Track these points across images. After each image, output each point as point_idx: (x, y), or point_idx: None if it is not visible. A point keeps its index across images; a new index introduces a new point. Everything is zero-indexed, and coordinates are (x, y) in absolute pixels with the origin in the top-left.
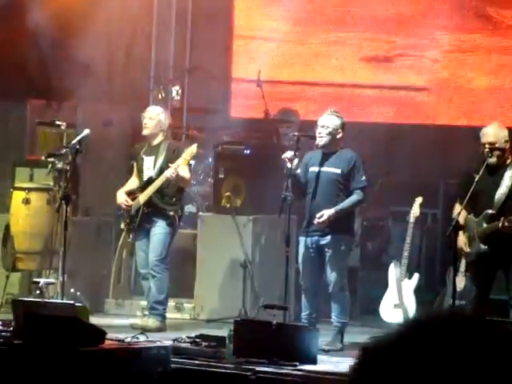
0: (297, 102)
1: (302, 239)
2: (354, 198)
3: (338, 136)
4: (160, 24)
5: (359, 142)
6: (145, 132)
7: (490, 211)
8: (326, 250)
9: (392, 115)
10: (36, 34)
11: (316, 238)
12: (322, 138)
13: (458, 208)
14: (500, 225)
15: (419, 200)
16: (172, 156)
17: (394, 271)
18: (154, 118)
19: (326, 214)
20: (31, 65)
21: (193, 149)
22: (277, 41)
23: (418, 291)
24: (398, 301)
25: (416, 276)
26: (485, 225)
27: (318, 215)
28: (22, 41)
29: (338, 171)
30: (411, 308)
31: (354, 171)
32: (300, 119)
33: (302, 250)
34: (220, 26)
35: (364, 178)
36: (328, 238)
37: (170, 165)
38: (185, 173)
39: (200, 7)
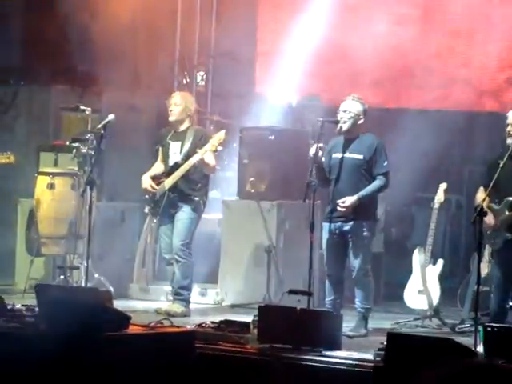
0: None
1: (325, 225)
2: (376, 183)
3: (360, 122)
4: (185, 9)
5: (385, 127)
6: (171, 118)
7: (510, 199)
8: (350, 235)
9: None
10: (63, 19)
11: (339, 223)
12: (344, 123)
13: (481, 194)
14: None
15: (444, 186)
16: (199, 142)
17: (418, 257)
18: (180, 103)
19: (349, 200)
20: (56, 50)
21: (221, 135)
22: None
23: (442, 277)
24: (422, 287)
25: (440, 262)
26: (507, 212)
27: (340, 202)
28: (48, 26)
29: (361, 157)
30: (435, 294)
31: (376, 156)
32: (323, 104)
33: (325, 235)
34: (245, 10)
35: (386, 163)
36: (351, 223)
37: (197, 150)
38: (210, 160)
39: None
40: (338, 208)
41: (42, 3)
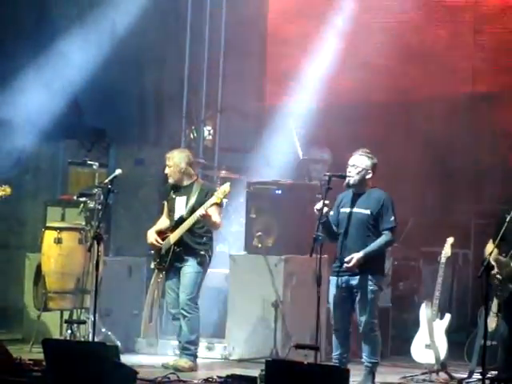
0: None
1: (332, 279)
2: (382, 239)
3: (368, 176)
4: (192, 64)
5: (389, 181)
6: (170, 181)
7: None
8: (357, 289)
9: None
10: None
11: (346, 277)
12: (350, 178)
13: (490, 248)
14: None
15: (450, 240)
16: (205, 197)
17: (425, 311)
18: (171, 165)
19: (355, 258)
20: (64, 105)
21: (226, 187)
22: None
23: (449, 331)
24: (430, 341)
25: (447, 316)
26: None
27: (347, 259)
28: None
29: (368, 212)
30: (442, 348)
31: (382, 211)
32: (331, 158)
33: (332, 289)
34: (253, 66)
35: (393, 218)
36: (358, 277)
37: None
38: (215, 216)
39: (233, 47)
40: (344, 266)
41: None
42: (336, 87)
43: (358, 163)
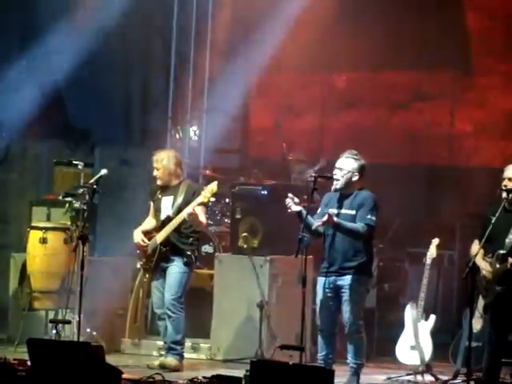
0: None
1: (320, 279)
2: (358, 225)
3: (355, 178)
4: (178, 64)
5: (374, 183)
6: (159, 183)
7: (501, 252)
8: (343, 290)
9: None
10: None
11: (333, 277)
12: (337, 181)
13: (475, 249)
14: (509, 265)
15: (436, 241)
16: (192, 196)
17: (410, 312)
18: (159, 167)
19: (332, 217)
20: (49, 104)
21: (213, 186)
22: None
23: (434, 333)
24: (415, 342)
25: (432, 317)
26: (498, 266)
27: (324, 218)
28: (40, 80)
29: (353, 212)
30: (427, 349)
31: (361, 208)
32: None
33: (320, 290)
34: (238, 66)
35: (371, 217)
36: (345, 278)
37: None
38: (201, 216)
39: (219, 47)
40: (323, 219)
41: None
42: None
43: (344, 166)
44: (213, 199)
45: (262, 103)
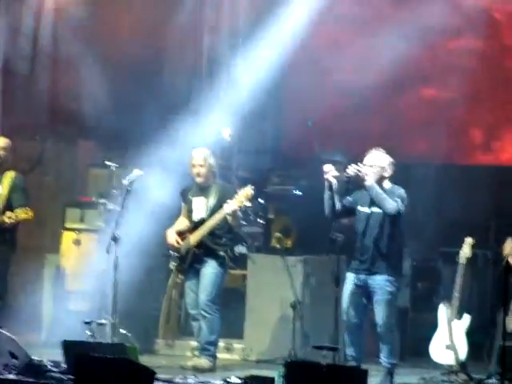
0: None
1: (350, 275)
2: (389, 199)
3: (386, 174)
4: (211, 63)
5: (409, 182)
6: (200, 180)
7: None
8: (374, 289)
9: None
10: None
11: (364, 276)
12: (369, 178)
13: (508, 248)
14: None
15: (470, 241)
16: (224, 198)
17: (444, 312)
18: (204, 164)
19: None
20: (82, 107)
21: (248, 190)
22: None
23: (468, 332)
24: (449, 342)
25: (467, 317)
26: None
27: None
28: (74, 82)
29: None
30: (462, 349)
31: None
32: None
33: (349, 286)
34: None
35: (401, 203)
36: (376, 277)
37: (223, 205)
38: (235, 214)
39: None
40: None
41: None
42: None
43: (375, 162)
44: (247, 203)
45: (295, 103)
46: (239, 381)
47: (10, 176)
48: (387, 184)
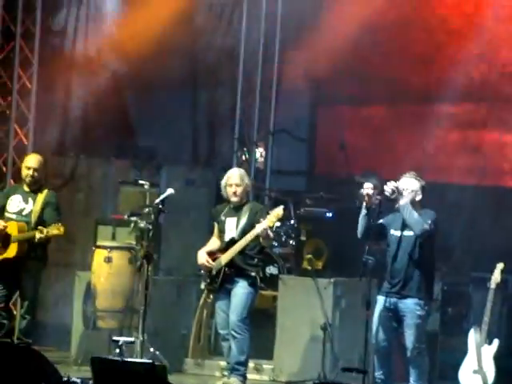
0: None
1: (380, 298)
2: (423, 222)
3: (418, 198)
4: (245, 85)
5: (440, 205)
6: (235, 199)
7: None
8: (405, 313)
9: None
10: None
11: (395, 300)
12: (403, 198)
13: None
14: None
15: (500, 266)
16: (255, 217)
17: (473, 337)
18: (241, 183)
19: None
20: (117, 124)
21: (279, 211)
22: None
23: (497, 357)
24: (478, 367)
25: (496, 342)
26: None
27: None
28: (110, 100)
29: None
30: (490, 374)
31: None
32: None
33: (379, 308)
34: (305, 90)
35: (431, 224)
36: (407, 300)
37: (255, 225)
38: (267, 234)
39: (285, 71)
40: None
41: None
42: None
43: (407, 186)
44: (278, 224)
45: (328, 123)
46: None
47: (43, 194)
48: (418, 207)
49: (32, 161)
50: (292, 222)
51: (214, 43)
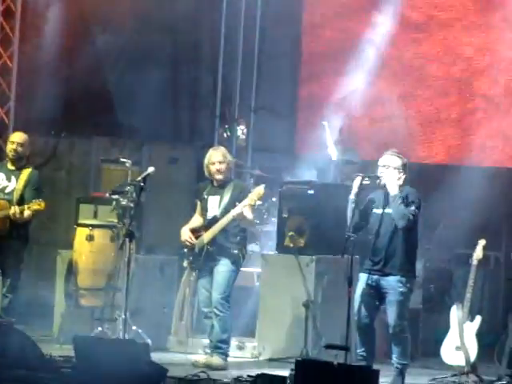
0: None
1: (363, 275)
2: (408, 214)
3: (400, 176)
4: (226, 63)
5: (423, 183)
6: (219, 177)
7: None
8: (387, 290)
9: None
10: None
11: (377, 277)
12: (383, 178)
13: None
14: None
15: (482, 242)
16: (238, 196)
17: (456, 313)
18: (224, 160)
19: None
20: (98, 102)
21: (260, 189)
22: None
23: (479, 334)
24: (460, 343)
25: (478, 318)
26: None
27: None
28: (90, 79)
29: None
30: (473, 351)
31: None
32: (360, 159)
33: (361, 286)
34: (287, 66)
35: (413, 208)
36: (389, 278)
37: (236, 204)
38: (248, 214)
39: (267, 47)
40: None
41: (85, 56)
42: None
43: (390, 163)
44: (259, 202)
45: (310, 101)
46: (251, 379)
47: (26, 173)
48: (401, 184)
49: (17, 136)
50: (273, 199)
51: (195, 20)
